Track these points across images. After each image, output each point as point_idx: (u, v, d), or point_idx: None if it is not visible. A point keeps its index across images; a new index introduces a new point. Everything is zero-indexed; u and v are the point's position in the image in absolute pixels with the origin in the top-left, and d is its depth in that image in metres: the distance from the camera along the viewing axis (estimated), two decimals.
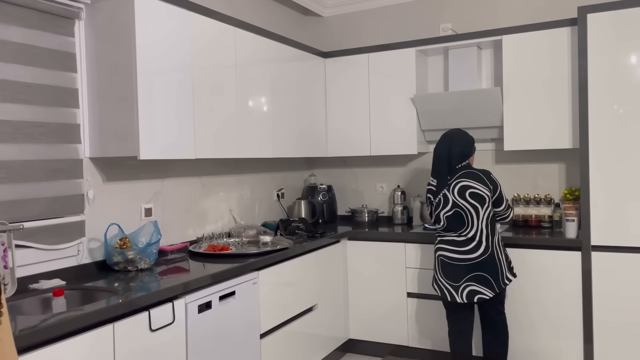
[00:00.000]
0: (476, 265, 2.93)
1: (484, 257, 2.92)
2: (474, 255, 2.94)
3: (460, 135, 3.13)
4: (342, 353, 3.81)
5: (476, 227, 2.95)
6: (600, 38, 3.10)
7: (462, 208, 2.96)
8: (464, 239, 2.97)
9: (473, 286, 2.93)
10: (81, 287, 2.34)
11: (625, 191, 3.06)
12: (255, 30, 3.34)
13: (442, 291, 3.03)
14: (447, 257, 3.02)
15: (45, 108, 2.42)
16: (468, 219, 2.96)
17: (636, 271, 3.04)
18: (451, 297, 2.99)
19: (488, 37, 3.63)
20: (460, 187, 2.98)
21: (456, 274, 2.97)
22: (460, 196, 2.97)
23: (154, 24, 2.57)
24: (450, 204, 2.99)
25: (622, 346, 3.07)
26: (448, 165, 3.05)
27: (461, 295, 2.96)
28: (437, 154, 3.11)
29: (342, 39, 4.47)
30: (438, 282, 3.07)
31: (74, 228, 2.54)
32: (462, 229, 2.98)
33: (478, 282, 2.93)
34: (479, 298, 2.93)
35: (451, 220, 3.01)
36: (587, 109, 3.14)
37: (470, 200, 2.95)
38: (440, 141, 3.14)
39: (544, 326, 3.25)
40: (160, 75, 2.61)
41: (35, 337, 1.73)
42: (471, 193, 2.95)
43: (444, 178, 3.05)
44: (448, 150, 3.06)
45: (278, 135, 3.57)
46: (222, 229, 3.51)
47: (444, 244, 3.05)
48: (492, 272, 2.92)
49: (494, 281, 2.92)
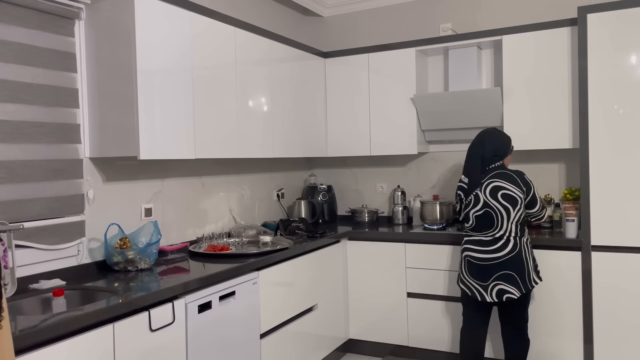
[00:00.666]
0: (503, 264, 2.91)
1: (510, 255, 2.91)
2: (500, 253, 2.92)
3: (494, 135, 3.10)
4: (342, 353, 3.81)
5: (505, 228, 2.94)
6: (600, 38, 3.10)
7: (492, 208, 2.95)
8: (491, 238, 2.96)
9: (501, 285, 2.91)
10: (81, 287, 2.34)
11: (625, 191, 3.06)
12: (255, 30, 3.34)
13: (471, 290, 3.00)
14: (473, 258, 3.00)
15: (45, 108, 2.42)
16: (498, 219, 2.94)
17: (636, 271, 3.04)
18: (481, 297, 2.96)
19: (488, 37, 3.63)
20: (493, 187, 2.97)
21: (484, 274, 2.95)
22: (492, 197, 2.96)
23: (153, 24, 2.57)
24: (481, 204, 2.98)
25: (622, 346, 3.07)
26: (481, 165, 3.04)
27: (490, 294, 2.93)
28: (470, 153, 3.10)
29: (342, 39, 4.47)
30: (465, 282, 3.04)
31: (74, 228, 2.54)
32: (490, 229, 2.96)
33: (505, 281, 2.90)
34: (507, 298, 2.90)
35: (480, 219, 2.99)
36: (587, 109, 3.14)
37: (502, 202, 2.93)
38: (475, 140, 3.12)
39: (544, 326, 3.25)
40: (160, 75, 2.61)
41: (35, 337, 1.73)
42: (503, 194, 2.94)
43: (476, 177, 3.03)
44: (482, 149, 3.05)
45: (278, 136, 3.57)
46: (222, 229, 3.51)
47: (471, 244, 3.03)
48: (518, 271, 2.90)
49: (520, 281, 2.90)
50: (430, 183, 4.19)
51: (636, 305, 3.04)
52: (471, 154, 3.09)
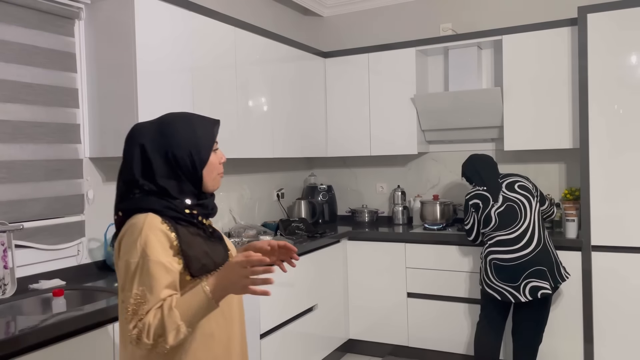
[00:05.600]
0: (532, 260, 2.87)
1: (537, 250, 2.89)
2: (527, 250, 2.89)
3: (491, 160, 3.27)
4: (342, 353, 3.81)
5: (528, 220, 2.95)
6: (600, 38, 3.10)
7: (513, 201, 2.99)
8: (515, 235, 2.93)
9: (534, 282, 2.86)
10: (81, 287, 2.34)
11: (626, 191, 3.06)
12: (255, 31, 3.33)
13: (502, 294, 2.91)
14: (500, 260, 2.93)
15: (45, 108, 2.42)
16: (521, 211, 2.96)
17: (636, 271, 3.04)
18: (514, 299, 2.89)
19: (488, 37, 3.63)
20: (509, 182, 3.07)
21: (514, 274, 2.89)
22: (510, 190, 3.03)
23: (153, 24, 2.57)
24: (501, 200, 3.01)
25: (622, 346, 3.07)
26: (496, 171, 3.16)
27: (523, 293, 2.86)
28: (483, 163, 3.19)
29: (342, 39, 4.47)
30: (493, 286, 2.95)
31: (73, 228, 2.54)
32: (514, 222, 2.95)
33: (537, 277, 2.86)
34: (542, 294, 2.86)
35: (503, 215, 2.98)
36: (587, 109, 3.13)
37: (521, 192, 3.01)
38: (481, 157, 3.25)
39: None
40: (161, 75, 2.61)
41: (35, 337, 1.72)
42: (520, 186, 3.04)
43: (495, 182, 3.09)
44: (493, 161, 3.21)
45: (278, 135, 3.56)
46: (222, 229, 3.51)
47: (496, 246, 2.97)
48: (548, 264, 2.89)
49: (550, 275, 2.87)
50: (430, 183, 4.19)
51: (636, 305, 3.04)
52: (485, 163, 3.19)
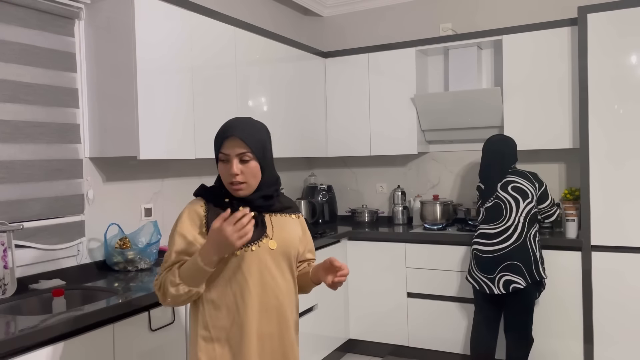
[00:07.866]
0: (507, 255, 2.97)
1: (514, 246, 2.97)
2: (505, 244, 2.99)
3: (509, 141, 3.25)
4: (342, 353, 3.81)
5: (513, 219, 3.02)
6: (600, 38, 3.10)
7: (501, 199, 3.07)
8: (497, 231, 3.04)
9: (508, 276, 2.96)
10: (81, 287, 2.34)
11: (626, 191, 3.06)
12: (255, 30, 3.33)
13: (479, 284, 3.06)
14: (480, 251, 3.08)
15: (45, 108, 2.42)
16: (506, 209, 3.04)
17: (636, 271, 3.04)
18: (489, 289, 3.02)
19: (488, 37, 3.63)
20: (504, 182, 3.10)
21: (490, 266, 3.02)
22: (503, 190, 3.08)
23: (153, 24, 2.57)
24: (493, 197, 3.10)
25: (622, 346, 3.07)
26: (500, 171, 3.15)
27: (497, 286, 2.98)
28: (494, 159, 3.19)
29: (342, 39, 4.47)
30: (473, 275, 3.12)
31: (73, 228, 2.54)
32: (499, 219, 3.06)
33: (511, 271, 2.96)
34: (513, 287, 2.94)
35: (490, 211, 3.11)
36: (587, 109, 3.13)
37: (512, 193, 3.05)
38: (491, 148, 3.23)
39: (544, 326, 3.25)
40: (160, 75, 2.61)
41: (35, 337, 1.72)
42: (514, 187, 3.07)
43: (494, 181, 3.12)
44: (502, 157, 3.18)
45: (278, 135, 3.54)
46: None
47: (478, 238, 3.13)
48: (523, 260, 2.95)
49: (526, 270, 2.94)
50: (430, 183, 4.19)
51: (636, 306, 3.04)
52: (492, 162, 3.19)
